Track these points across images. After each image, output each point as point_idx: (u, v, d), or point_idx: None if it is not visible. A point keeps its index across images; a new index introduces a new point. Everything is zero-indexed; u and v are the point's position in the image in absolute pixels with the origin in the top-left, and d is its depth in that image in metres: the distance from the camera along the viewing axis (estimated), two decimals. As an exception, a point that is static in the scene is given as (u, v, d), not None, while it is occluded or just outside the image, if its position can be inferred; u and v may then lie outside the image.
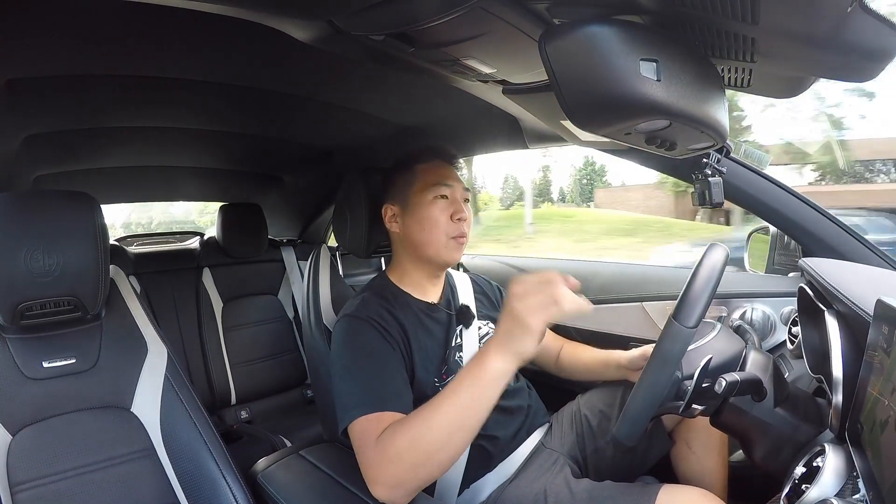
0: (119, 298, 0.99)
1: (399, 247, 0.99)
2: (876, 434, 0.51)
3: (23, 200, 0.85)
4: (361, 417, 0.75)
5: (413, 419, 0.69)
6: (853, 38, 0.49)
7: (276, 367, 1.86)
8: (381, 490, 0.69)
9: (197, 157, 1.68)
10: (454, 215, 0.93)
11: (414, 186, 0.94)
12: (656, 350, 0.65)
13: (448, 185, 0.93)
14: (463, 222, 0.94)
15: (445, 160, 0.98)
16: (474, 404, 0.65)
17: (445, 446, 0.66)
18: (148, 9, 0.61)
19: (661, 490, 0.77)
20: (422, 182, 0.94)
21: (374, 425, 0.73)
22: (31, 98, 0.96)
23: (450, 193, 0.94)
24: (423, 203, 0.93)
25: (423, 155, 0.97)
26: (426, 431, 0.66)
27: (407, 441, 0.67)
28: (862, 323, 0.60)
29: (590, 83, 0.50)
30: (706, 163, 0.91)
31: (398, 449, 0.68)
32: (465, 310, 1.00)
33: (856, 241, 1.01)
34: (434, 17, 0.57)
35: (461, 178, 0.98)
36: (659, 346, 0.65)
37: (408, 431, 0.68)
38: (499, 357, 0.64)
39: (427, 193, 0.93)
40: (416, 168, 0.96)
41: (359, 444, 0.74)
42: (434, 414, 0.67)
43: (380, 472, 0.69)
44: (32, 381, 0.86)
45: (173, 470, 0.89)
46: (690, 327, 0.62)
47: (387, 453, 0.69)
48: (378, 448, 0.70)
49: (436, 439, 0.66)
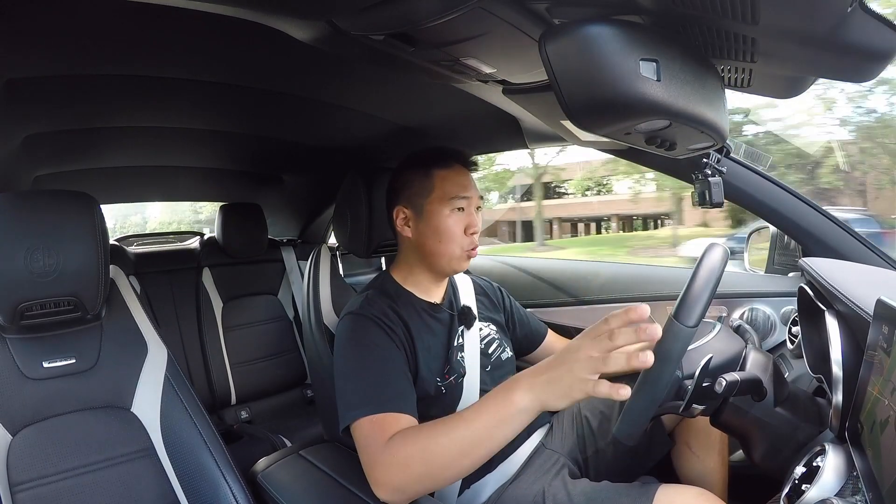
0: (119, 298, 0.99)
1: (408, 249, 0.97)
2: (876, 434, 0.51)
3: (23, 200, 0.85)
4: (365, 417, 0.75)
5: (428, 430, 0.70)
6: (853, 38, 0.49)
7: (276, 367, 1.86)
8: (384, 492, 0.70)
9: (197, 157, 1.68)
10: (468, 229, 0.92)
11: (432, 194, 0.92)
12: (657, 349, 0.65)
13: (466, 198, 0.92)
14: (476, 235, 0.93)
15: (464, 166, 0.96)
16: (492, 432, 0.65)
17: (455, 464, 0.67)
18: (148, 9, 0.61)
19: (658, 490, 0.77)
20: (440, 191, 0.91)
21: (380, 427, 0.73)
22: (31, 98, 0.96)
23: (466, 205, 0.92)
24: (440, 214, 0.91)
25: (443, 159, 0.94)
26: (439, 446, 0.67)
27: (418, 451, 0.68)
28: (862, 323, 0.60)
29: (590, 83, 0.50)
30: (706, 163, 0.91)
31: (408, 456, 0.68)
32: (467, 311, 1.00)
33: (856, 241, 1.01)
34: (434, 17, 0.57)
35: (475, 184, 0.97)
36: (659, 345, 0.65)
37: (421, 442, 0.69)
38: (528, 396, 0.63)
39: (445, 206, 0.91)
40: (434, 173, 0.93)
41: (363, 443, 0.74)
42: (451, 431, 0.67)
43: (386, 475, 0.70)
44: (32, 382, 0.86)
45: (173, 470, 0.89)
46: (691, 326, 0.62)
47: (396, 458, 0.69)
48: (387, 451, 0.70)
49: (447, 456, 0.67)
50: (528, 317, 1.17)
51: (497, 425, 0.64)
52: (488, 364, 0.98)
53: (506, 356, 1.03)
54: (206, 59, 0.92)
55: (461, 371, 0.93)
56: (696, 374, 0.65)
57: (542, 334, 1.16)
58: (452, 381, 0.91)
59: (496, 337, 1.04)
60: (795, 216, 1.04)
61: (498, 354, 1.02)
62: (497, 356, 1.01)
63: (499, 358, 1.01)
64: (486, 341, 1.01)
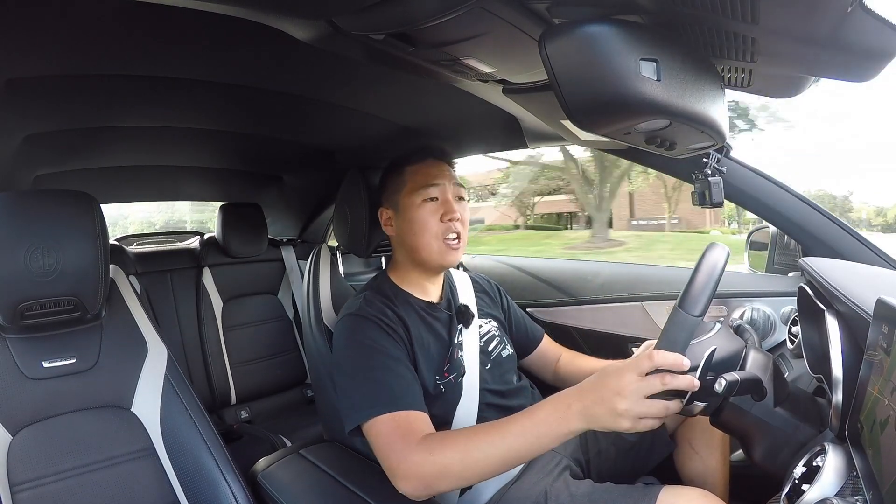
0: (119, 298, 0.99)
1: (397, 249, 1.00)
2: (876, 434, 0.50)
3: (23, 200, 0.85)
4: (382, 416, 0.76)
5: (469, 436, 0.71)
6: (853, 38, 0.49)
7: (276, 367, 1.86)
8: (411, 486, 0.72)
9: (197, 157, 1.68)
10: (444, 216, 0.92)
11: (404, 189, 0.94)
12: (662, 337, 0.64)
13: (436, 185, 0.92)
14: (455, 222, 0.92)
15: (436, 158, 0.97)
16: (535, 448, 0.67)
17: (491, 471, 0.70)
18: (148, 8, 0.61)
19: (661, 491, 0.77)
20: (410, 184, 0.93)
21: (404, 424, 0.75)
22: (31, 98, 0.96)
23: (439, 193, 0.93)
24: (412, 206, 0.92)
25: (413, 156, 0.97)
26: (481, 453, 0.69)
27: (458, 455, 0.70)
28: (862, 322, 0.60)
29: (589, 83, 0.50)
30: (706, 163, 0.91)
31: (447, 459, 0.70)
32: (465, 309, 1.00)
33: (856, 241, 1.01)
34: (434, 16, 0.57)
35: (453, 174, 0.97)
36: (664, 333, 0.64)
37: (461, 446, 0.70)
38: (583, 423, 0.63)
39: (415, 196, 0.92)
40: (405, 170, 0.95)
41: (385, 440, 0.75)
42: (496, 440, 0.69)
43: (419, 471, 0.71)
44: (32, 381, 0.86)
45: (173, 469, 0.89)
46: (696, 316, 0.62)
47: (434, 458, 0.71)
48: (423, 450, 0.72)
49: (487, 463, 0.69)
50: (525, 319, 1.16)
51: (545, 443, 0.66)
52: (488, 362, 0.98)
53: (506, 353, 1.03)
54: (206, 58, 0.92)
55: (461, 370, 0.93)
56: (700, 367, 0.65)
57: (538, 338, 1.16)
58: (452, 379, 0.91)
59: (496, 334, 1.04)
60: (795, 216, 1.03)
61: (498, 352, 1.01)
62: (497, 353, 1.01)
63: (499, 355, 1.01)
64: (486, 339, 1.01)
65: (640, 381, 0.60)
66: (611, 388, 0.61)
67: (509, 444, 0.68)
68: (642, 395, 0.59)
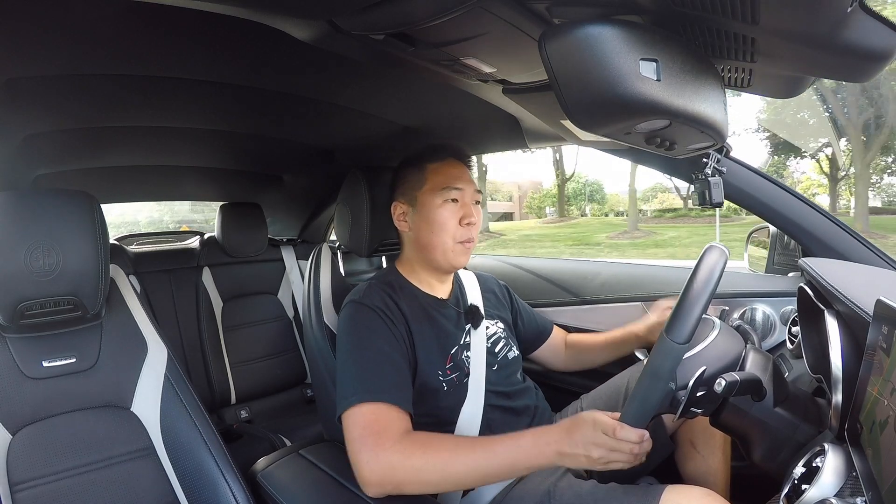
0: (119, 298, 0.99)
1: (408, 244, 1.00)
2: (875, 434, 0.51)
3: (23, 199, 0.85)
4: (358, 406, 0.76)
5: (451, 445, 0.73)
6: (853, 38, 0.49)
7: (276, 367, 1.86)
8: (375, 488, 0.73)
9: (197, 157, 1.68)
10: (463, 220, 0.92)
11: (424, 186, 0.94)
12: (647, 365, 0.66)
13: (459, 189, 0.93)
14: (472, 227, 0.93)
15: (458, 159, 0.97)
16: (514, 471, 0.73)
17: (466, 483, 0.73)
18: (148, 8, 0.61)
19: (665, 491, 0.77)
20: (432, 183, 0.93)
21: (384, 418, 0.75)
22: (31, 98, 0.96)
23: (460, 196, 0.93)
24: (432, 205, 0.92)
25: (435, 153, 0.96)
26: (460, 464, 0.71)
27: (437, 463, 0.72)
28: (862, 323, 0.60)
29: (590, 83, 0.50)
30: (706, 163, 0.91)
31: (424, 463, 0.72)
32: (475, 310, 1.00)
33: (856, 241, 1.01)
34: (434, 16, 0.57)
35: (472, 177, 0.98)
36: (650, 361, 0.65)
37: (442, 455, 0.72)
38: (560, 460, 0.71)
39: (437, 196, 0.92)
40: (426, 167, 0.95)
41: (358, 433, 0.75)
42: (476, 455, 0.71)
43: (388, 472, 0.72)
44: (32, 381, 0.86)
45: (173, 469, 0.89)
46: (681, 343, 0.63)
47: (410, 461, 0.72)
48: (399, 451, 0.72)
49: (463, 474, 0.71)
50: (534, 313, 1.18)
51: (519, 470, 0.73)
52: (494, 363, 0.98)
53: (512, 355, 1.03)
54: (207, 58, 0.91)
55: (465, 370, 0.93)
56: (690, 385, 0.65)
57: (549, 330, 1.18)
58: (455, 379, 0.91)
59: (503, 336, 1.04)
60: (795, 216, 1.03)
61: (505, 353, 1.02)
62: (504, 355, 1.01)
63: (505, 357, 1.01)
64: (493, 340, 1.01)
65: (613, 442, 0.67)
66: (587, 438, 0.68)
67: (491, 463, 0.70)
68: (614, 449, 0.67)
